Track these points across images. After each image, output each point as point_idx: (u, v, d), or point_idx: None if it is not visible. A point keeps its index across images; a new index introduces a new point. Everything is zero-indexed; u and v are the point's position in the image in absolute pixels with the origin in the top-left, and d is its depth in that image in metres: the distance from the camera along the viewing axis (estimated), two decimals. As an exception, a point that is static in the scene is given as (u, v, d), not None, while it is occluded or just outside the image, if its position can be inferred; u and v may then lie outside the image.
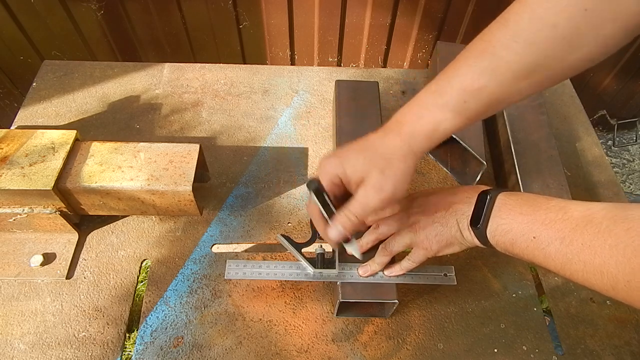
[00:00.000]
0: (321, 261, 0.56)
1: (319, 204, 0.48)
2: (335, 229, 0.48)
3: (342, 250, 0.56)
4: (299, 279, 0.57)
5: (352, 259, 0.56)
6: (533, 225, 0.41)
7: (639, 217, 0.33)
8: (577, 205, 0.39)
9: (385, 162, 0.44)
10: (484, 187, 0.48)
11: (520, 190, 0.66)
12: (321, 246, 0.58)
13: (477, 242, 0.47)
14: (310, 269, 0.56)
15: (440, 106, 0.44)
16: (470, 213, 0.47)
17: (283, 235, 0.56)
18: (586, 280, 0.37)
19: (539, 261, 0.41)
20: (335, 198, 0.49)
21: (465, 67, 0.43)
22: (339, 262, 0.56)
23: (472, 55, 0.43)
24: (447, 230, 0.49)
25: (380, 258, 0.54)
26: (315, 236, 0.58)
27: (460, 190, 0.51)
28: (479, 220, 0.45)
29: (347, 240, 0.52)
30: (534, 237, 0.40)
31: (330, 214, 0.48)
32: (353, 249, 0.53)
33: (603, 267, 0.35)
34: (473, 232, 0.46)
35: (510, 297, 0.63)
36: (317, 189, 0.47)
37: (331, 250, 0.58)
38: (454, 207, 0.49)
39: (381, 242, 0.54)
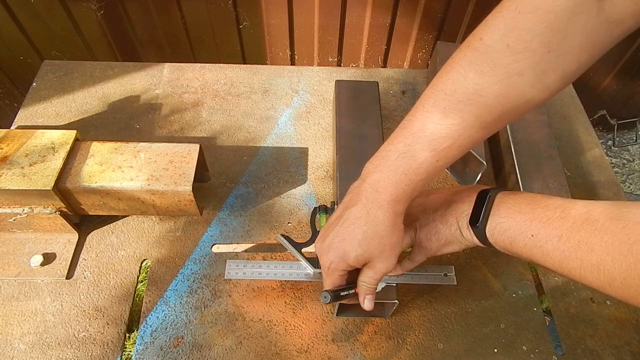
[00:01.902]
0: None
1: (341, 299, 0.50)
2: (367, 301, 0.51)
3: None
4: (299, 279, 0.57)
5: None
6: (531, 224, 0.41)
7: (635, 215, 0.34)
8: (576, 204, 0.39)
9: (379, 244, 0.46)
10: (484, 187, 0.48)
11: (520, 191, 0.66)
12: None
13: (476, 241, 0.47)
14: (310, 269, 0.56)
15: (415, 170, 0.44)
16: (470, 212, 0.47)
17: (283, 235, 0.56)
18: (583, 278, 0.37)
19: (537, 259, 0.41)
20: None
21: (431, 124, 0.44)
22: None
23: (436, 109, 0.44)
24: (446, 229, 0.49)
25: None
26: (315, 236, 0.58)
27: (460, 189, 0.51)
28: (478, 219, 0.45)
29: None
30: (532, 235, 0.41)
31: (351, 290, 0.51)
32: (379, 287, 0.54)
33: (600, 265, 0.35)
34: (472, 231, 0.47)
35: (510, 297, 0.63)
36: (333, 297, 0.48)
37: None
38: (453, 206, 0.49)
39: None
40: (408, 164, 0.44)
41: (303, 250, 0.56)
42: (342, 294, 0.49)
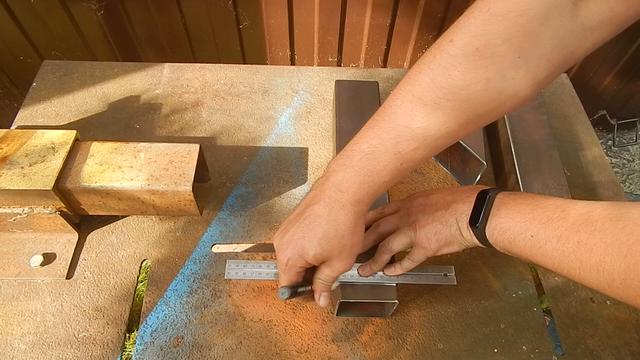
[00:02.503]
0: None
1: (298, 296, 0.50)
2: (323, 298, 0.51)
3: None
4: None
5: None
6: (531, 224, 0.41)
7: (634, 216, 0.34)
8: (575, 204, 0.39)
9: (339, 244, 0.45)
10: (484, 187, 0.48)
11: (520, 191, 0.66)
12: None
13: (476, 241, 0.47)
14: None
15: (378, 172, 0.44)
16: (470, 212, 0.47)
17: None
18: (583, 279, 0.37)
19: (536, 260, 0.41)
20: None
21: (397, 126, 0.43)
22: None
23: (403, 111, 0.43)
24: (446, 229, 0.49)
25: (380, 257, 0.54)
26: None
27: (460, 189, 0.51)
28: (477, 219, 0.45)
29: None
30: (532, 236, 0.41)
31: (308, 287, 0.50)
32: (334, 286, 0.53)
33: (599, 265, 0.35)
34: (472, 231, 0.47)
35: (510, 297, 0.63)
36: (291, 293, 0.48)
37: None
38: (453, 206, 0.49)
39: (381, 241, 0.54)
40: (372, 165, 0.44)
41: None
42: (299, 290, 0.49)
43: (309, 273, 0.50)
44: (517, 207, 0.43)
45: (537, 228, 0.40)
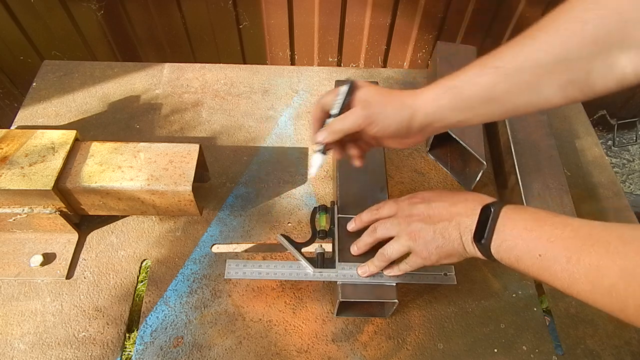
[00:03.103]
0: (321, 261, 0.56)
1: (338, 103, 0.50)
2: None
3: (343, 248, 0.56)
4: (299, 279, 0.57)
5: (352, 259, 0.56)
6: (538, 242, 0.40)
7: None
8: (584, 223, 0.38)
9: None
10: (488, 199, 0.47)
11: (520, 191, 0.66)
12: (321, 246, 0.58)
13: (480, 255, 0.46)
14: (310, 269, 0.56)
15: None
16: (474, 227, 0.45)
17: (283, 235, 0.56)
18: (594, 301, 0.36)
19: (545, 279, 0.40)
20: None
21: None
22: (338, 261, 0.56)
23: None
24: (449, 243, 0.48)
25: (379, 262, 0.54)
26: (315, 236, 0.58)
27: (463, 199, 0.49)
28: (482, 235, 0.44)
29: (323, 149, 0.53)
30: (540, 255, 0.39)
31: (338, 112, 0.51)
32: (317, 159, 0.53)
33: (612, 289, 0.34)
34: (477, 247, 0.45)
35: (510, 297, 0.63)
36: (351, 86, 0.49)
37: (331, 250, 0.58)
38: (457, 219, 0.47)
39: (380, 244, 0.54)
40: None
41: (303, 250, 0.56)
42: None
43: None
44: (523, 223, 0.42)
45: (546, 247, 0.39)
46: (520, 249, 0.41)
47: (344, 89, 0.49)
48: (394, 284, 0.55)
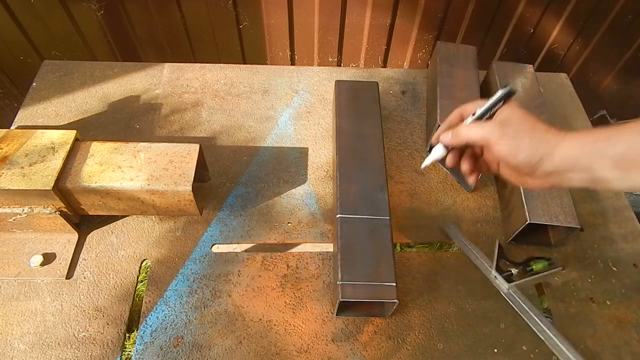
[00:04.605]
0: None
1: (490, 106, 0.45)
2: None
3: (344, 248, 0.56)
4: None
5: (354, 258, 0.56)
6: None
7: None
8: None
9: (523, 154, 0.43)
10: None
11: (520, 191, 0.66)
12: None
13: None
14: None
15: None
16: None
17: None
18: None
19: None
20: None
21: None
22: (339, 261, 0.56)
23: None
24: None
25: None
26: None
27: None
28: None
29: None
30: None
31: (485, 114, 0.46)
32: (437, 151, 0.50)
33: None
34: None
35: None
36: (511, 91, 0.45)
37: (331, 250, 0.57)
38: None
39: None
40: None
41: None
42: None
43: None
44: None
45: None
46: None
47: (500, 93, 0.44)
48: (394, 284, 0.55)
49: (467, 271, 0.65)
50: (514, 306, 0.58)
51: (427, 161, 0.50)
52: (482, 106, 0.45)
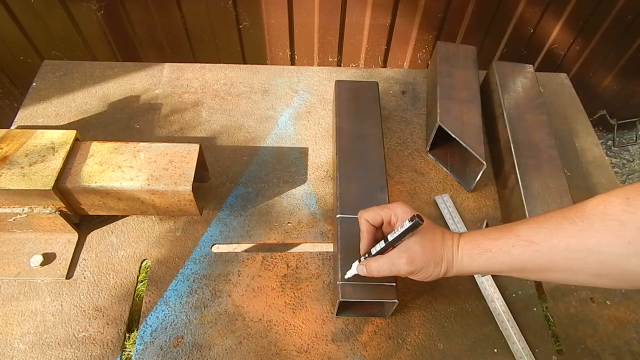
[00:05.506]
0: None
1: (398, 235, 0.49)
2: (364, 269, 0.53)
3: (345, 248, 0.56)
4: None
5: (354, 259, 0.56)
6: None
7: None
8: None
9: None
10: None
11: (520, 191, 0.66)
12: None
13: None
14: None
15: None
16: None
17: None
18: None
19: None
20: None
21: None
22: (339, 261, 0.56)
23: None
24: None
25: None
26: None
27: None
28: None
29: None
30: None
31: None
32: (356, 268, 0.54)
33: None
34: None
35: (510, 297, 0.63)
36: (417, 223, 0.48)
37: (332, 250, 0.57)
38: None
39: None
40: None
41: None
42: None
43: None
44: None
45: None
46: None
47: (407, 225, 0.48)
48: (394, 284, 0.55)
49: (467, 271, 0.65)
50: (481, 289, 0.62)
51: (349, 274, 0.55)
52: (396, 234, 0.49)
